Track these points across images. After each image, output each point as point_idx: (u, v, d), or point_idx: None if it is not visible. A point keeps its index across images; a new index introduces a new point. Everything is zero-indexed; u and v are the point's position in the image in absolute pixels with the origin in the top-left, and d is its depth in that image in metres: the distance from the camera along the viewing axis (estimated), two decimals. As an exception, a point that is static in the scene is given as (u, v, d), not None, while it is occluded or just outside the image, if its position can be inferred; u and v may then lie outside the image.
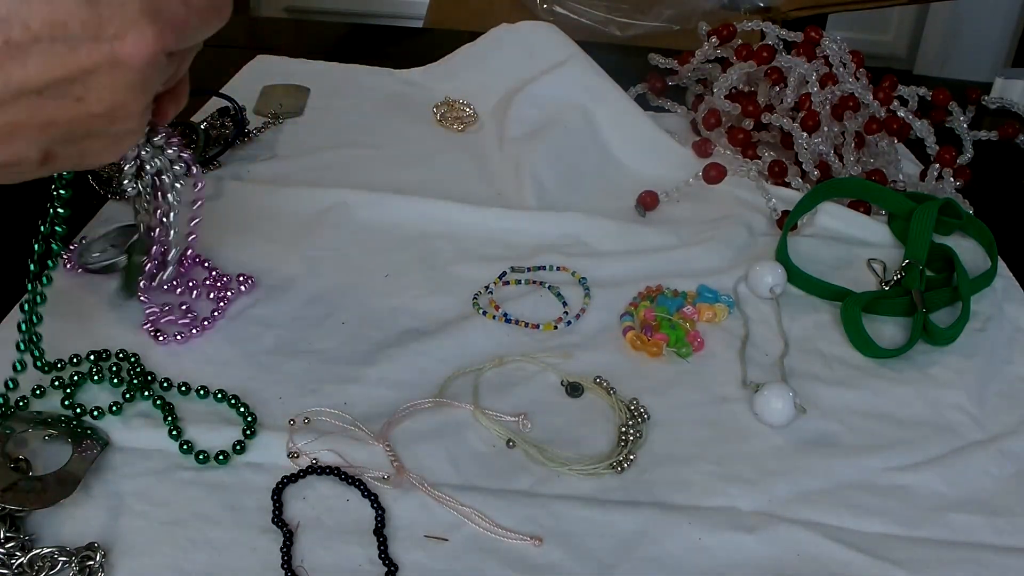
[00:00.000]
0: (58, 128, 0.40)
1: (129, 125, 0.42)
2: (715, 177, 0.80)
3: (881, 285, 0.70)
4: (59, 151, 0.41)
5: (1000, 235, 0.72)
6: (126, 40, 0.38)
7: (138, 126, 0.42)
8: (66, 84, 0.38)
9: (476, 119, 0.90)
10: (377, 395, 0.57)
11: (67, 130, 0.40)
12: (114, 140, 0.42)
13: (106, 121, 0.41)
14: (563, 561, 0.48)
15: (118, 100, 0.40)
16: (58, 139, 0.40)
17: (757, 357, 0.63)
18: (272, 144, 0.84)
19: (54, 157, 0.41)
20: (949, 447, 0.57)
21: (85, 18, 0.38)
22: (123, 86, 0.39)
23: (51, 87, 0.38)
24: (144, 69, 0.39)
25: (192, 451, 0.52)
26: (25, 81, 0.37)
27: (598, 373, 0.60)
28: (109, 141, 0.42)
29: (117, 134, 0.42)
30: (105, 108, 0.40)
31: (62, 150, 0.41)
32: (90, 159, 0.43)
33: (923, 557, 0.49)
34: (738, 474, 0.53)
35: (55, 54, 0.37)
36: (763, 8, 1.23)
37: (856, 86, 0.83)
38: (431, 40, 1.15)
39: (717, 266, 0.70)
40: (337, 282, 0.67)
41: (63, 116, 0.39)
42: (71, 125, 0.40)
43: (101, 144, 0.42)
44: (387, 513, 0.49)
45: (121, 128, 0.42)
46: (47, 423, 0.52)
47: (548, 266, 0.69)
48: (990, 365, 0.63)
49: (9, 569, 0.45)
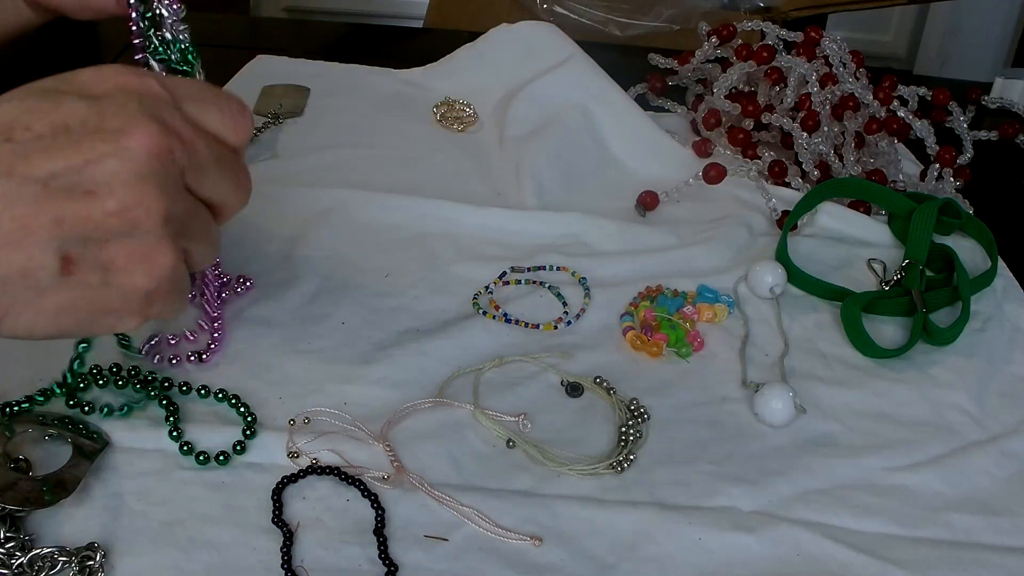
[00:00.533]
0: (69, 225, 0.37)
1: (152, 234, 0.39)
2: (715, 177, 0.80)
3: (881, 285, 0.70)
4: (79, 259, 0.38)
5: (1000, 235, 0.72)
6: (132, 133, 0.38)
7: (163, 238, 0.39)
8: (72, 174, 0.37)
9: (476, 119, 0.90)
10: (377, 395, 0.57)
11: (81, 230, 0.37)
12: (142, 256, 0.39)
13: (123, 222, 0.38)
14: (563, 561, 0.48)
15: (131, 194, 0.38)
16: (73, 239, 0.37)
17: (757, 357, 0.63)
18: (272, 144, 0.84)
19: (74, 266, 0.38)
20: (949, 447, 0.57)
21: (87, 117, 0.37)
22: (133, 178, 0.37)
23: (57, 177, 0.37)
24: (152, 162, 0.38)
25: (192, 452, 0.52)
26: (29, 171, 0.36)
27: (598, 373, 0.60)
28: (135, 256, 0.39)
29: (143, 246, 0.39)
30: (118, 203, 0.37)
31: (83, 256, 0.38)
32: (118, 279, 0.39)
33: (923, 557, 0.49)
34: (738, 474, 0.53)
35: (59, 146, 0.37)
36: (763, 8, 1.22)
37: (856, 86, 0.83)
38: (431, 40, 1.15)
39: (717, 266, 0.70)
40: (337, 282, 0.67)
41: (72, 210, 0.37)
42: (84, 223, 0.37)
43: (125, 257, 0.39)
44: (387, 513, 0.49)
45: (143, 236, 0.38)
46: (47, 423, 0.52)
47: (548, 266, 0.69)
48: (990, 365, 0.63)
49: (9, 569, 0.45)
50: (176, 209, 0.40)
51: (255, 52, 1.01)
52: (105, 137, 0.37)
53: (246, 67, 0.97)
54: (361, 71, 0.99)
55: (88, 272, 0.39)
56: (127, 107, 0.38)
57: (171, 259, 0.40)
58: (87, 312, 0.40)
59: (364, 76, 0.98)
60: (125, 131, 0.38)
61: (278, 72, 0.97)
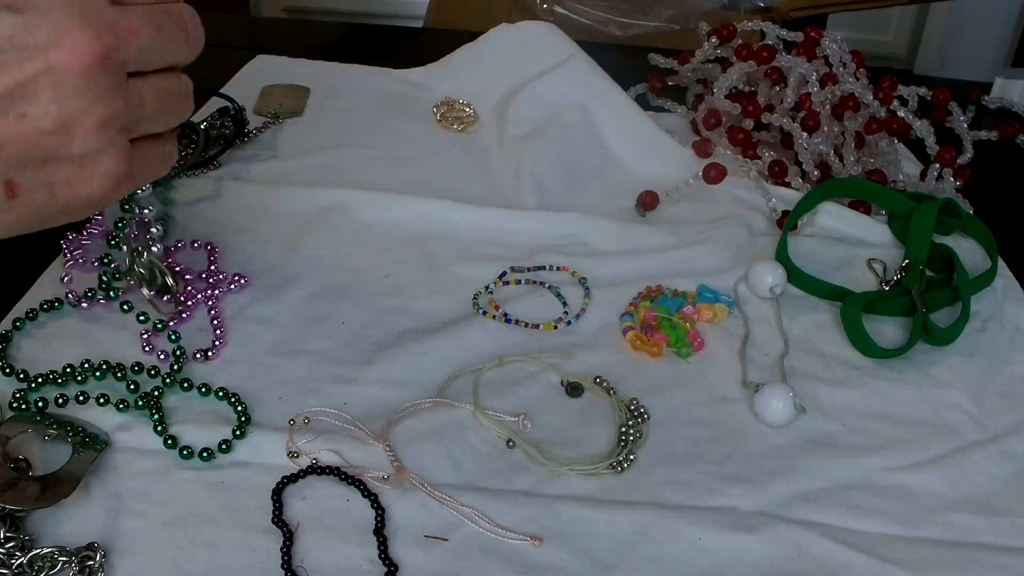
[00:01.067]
0: (7, 150, 0.37)
1: (90, 143, 0.38)
2: (715, 177, 0.80)
3: (881, 285, 0.70)
4: (22, 180, 0.38)
5: (1000, 235, 0.72)
6: (60, 46, 0.36)
7: (103, 145, 0.39)
8: (4, 99, 0.36)
9: (476, 119, 0.90)
10: (377, 395, 0.57)
11: (21, 152, 0.37)
12: (81, 165, 0.39)
13: (61, 138, 0.38)
14: (563, 561, 0.48)
15: (66, 111, 0.37)
16: (13, 163, 0.37)
17: (757, 357, 0.63)
18: (272, 144, 0.84)
19: (18, 188, 0.38)
20: (949, 447, 0.57)
21: (12, 32, 0.36)
22: (67, 94, 0.37)
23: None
24: (86, 73, 0.37)
25: (176, 446, 0.52)
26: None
27: (598, 373, 0.60)
28: (76, 166, 0.39)
29: (82, 157, 0.39)
30: (53, 122, 0.37)
31: (25, 179, 0.38)
32: (63, 191, 0.39)
33: (923, 557, 0.49)
34: (738, 474, 0.53)
35: None
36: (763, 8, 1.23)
37: (856, 86, 0.83)
38: (431, 40, 1.15)
39: (717, 266, 0.70)
40: (337, 282, 0.67)
41: (8, 134, 0.37)
42: (22, 146, 0.37)
43: (68, 170, 0.39)
44: (387, 513, 0.49)
45: (82, 148, 0.38)
46: (47, 423, 0.52)
47: (548, 266, 0.69)
48: (990, 365, 0.63)
49: (9, 569, 0.45)
50: (117, 110, 0.39)
51: (255, 52, 1.01)
52: (33, 55, 0.36)
53: (246, 67, 0.97)
54: (361, 71, 0.99)
55: (33, 192, 0.39)
56: (53, 14, 0.37)
57: (113, 166, 0.40)
58: (40, 221, 0.40)
59: (364, 76, 0.98)
60: (54, 45, 0.36)
61: (278, 72, 0.97)
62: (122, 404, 0.54)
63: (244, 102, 0.85)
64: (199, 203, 0.74)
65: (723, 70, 0.90)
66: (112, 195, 0.41)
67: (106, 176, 0.40)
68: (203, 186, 0.76)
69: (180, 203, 0.74)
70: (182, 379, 0.56)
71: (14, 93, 0.36)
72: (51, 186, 0.39)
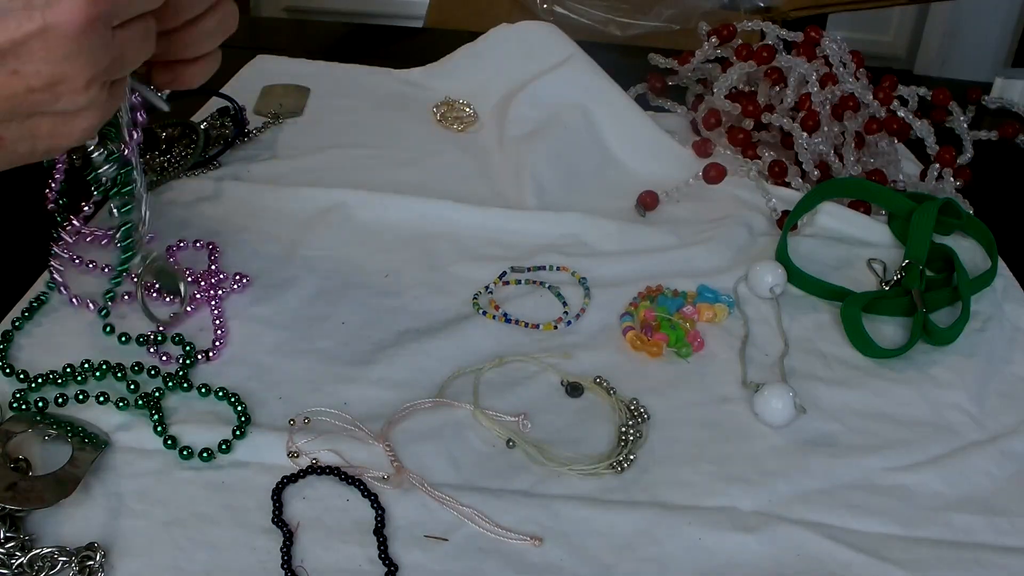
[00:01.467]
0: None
1: (76, 101, 0.40)
2: (715, 177, 0.80)
3: (881, 285, 0.70)
4: (6, 133, 0.40)
5: (1000, 235, 0.72)
6: (58, 7, 0.37)
7: (87, 103, 0.40)
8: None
9: (476, 119, 0.90)
10: (377, 395, 0.57)
11: (9, 107, 0.39)
12: (64, 120, 0.41)
13: (48, 96, 0.39)
14: (563, 561, 0.48)
15: (57, 72, 0.38)
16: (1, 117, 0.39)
17: (757, 357, 0.63)
18: (272, 144, 0.84)
19: (2, 140, 0.40)
20: (949, 447, 0.57)
21: None
22: (60, 56, 0.38)
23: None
24: (79, 37, 0.38)
25: (176, 446, 0.52)
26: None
27: (598, 373, 0.60)
28: (59, 121, 0.41)
29: (65, 112, 0.40)
30: (44, 81, 0.38)
31: (9, 131, 0.40)
32: (44, 143, 0.41)
33: (923, 557, 0.49)
34: (738, 474, 0.53)
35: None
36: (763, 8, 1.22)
37: (856, 86, 0.83)
38: (431, 40, 1.15)
39: (717, 266, 0.70)
40: (337, 282, 0.67)
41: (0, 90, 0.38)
42: (11, 101, 0.38)
43: (51, 124, 0.41)
44: (387, 513, 0.49)
45: (67, 105, 0.40)
46: (47, 423, 0.52)
47: (548, 266, 0.69)
48: (990, 365, 0.63)
49: (9, 569, 0.45)
50: (103, 67, 0.40)
51: (255, 52, 1.01)
52: (31, 15, 0.37)
53: (246, 67, 0.97)
54: (361, 71, 0.99)
55: (15, 143, 0.40)
56: None
57: (94, 119, 0.41)
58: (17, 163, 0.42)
59: (364, 76, 0.98)
60: (52, 5, 0.37)
61: (278, 72, 0.97)
62: (122, 402, 0.54)
63: (244, 102, 0.86)
64: (199, 203, 0.74)
65: (723, 70, 0.90)
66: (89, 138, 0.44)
67: (86, 128, 0.42)
68: (203, 186, 0.76)
69: (180, 203, 0.74)
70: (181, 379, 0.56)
71: (7, 51, 0.37)
72: (33, 137, 0.41)
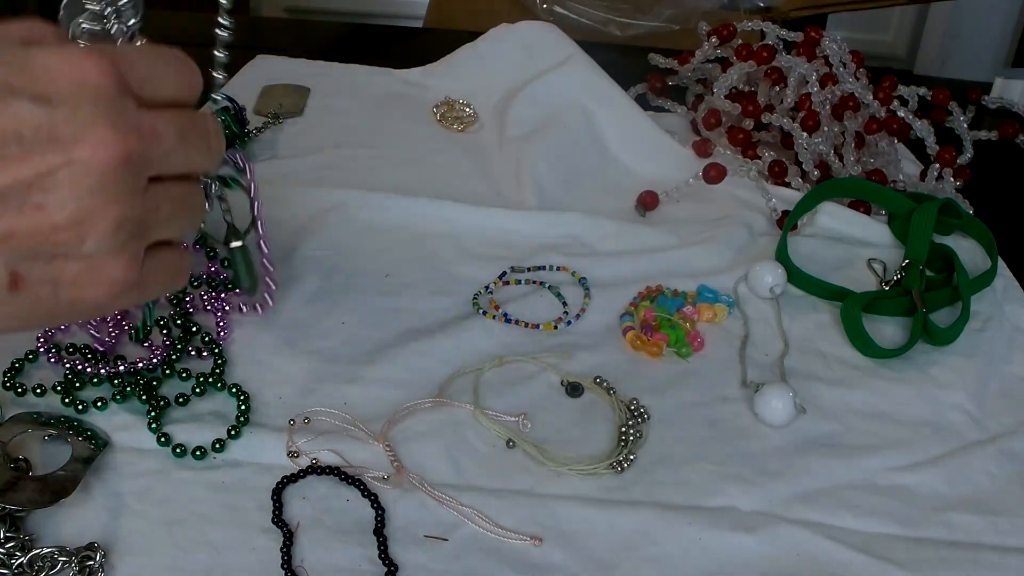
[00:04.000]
0: (18, 241, 0.36)
1: (102, 244, 0.37)
2: (715, 177, 0.80)
3: (881, 285, 0.70)
4: (28, 273, 0.37)
5: (1000, 235, 0.72)
6: (85, 143, 0.36)
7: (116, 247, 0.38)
8: (22, 188, 0.35)
9: (476, 119, 0.90)
10: (377, 395, 0.57)
11: (30, 245, 0.36)
12: (90, 266, 0.38)
13: (73, 236, 0.37)
14: (563, 561, 0.48)
15: (82, 208, 0.36)
16: (22, 254, 0.36)
17: (757, 357, 0.63)
18: (272, 144, 0.84)
19: (23, 281, 0.37)
20: (949, 447, 0.57)
21: (39, 124, 0.35)
22: (85, 191, 0.36)
23: (6, 192, 0.35)
24: (107, 174, 0.36)
25: (169, 443, 0.52)
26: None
27: (598, 373, 0.60)
28: (84, 267, 0.38)
29: (92, 258, 0.38)
30: (68, 217, 0.36)
31: (32, 272, 0.37)
32: (68, 291, 0.38)
33: (923, 557, 0.49)
34: (738, 474, 0.54)
35: (8, 157, 0.35)
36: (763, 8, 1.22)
37: (856, 86, 0.83)
38: (431, 40, 1.15)
39: (717, 266, 0.70)
40: (337, 282, 0.67)
41: (22, 225, 0.36)
42: (33, 238, 0.36)
43: (75, 270, 0.38)
44: (387, 513, 0.49)
45: (94, 247, 0.37)
46: (47, 423, 0.52)
47: (548, 266, 0.69)
48: (990, 365, 0.63)
49: (9, 569, 0.45)
50: (133, 213, 0.38)
51: (255, 52, 1.01)
52: (57, 148, 0.36)
53: (246, 67, 0.97)
54: (361, 71, 0.99)
55: (37, 287, 0.38)
56: (81, 111, 0.36)
57: (122, 272, 0.39)
58: (40, 318, 0.39)
59: (364, 76, 0.98)
60: (79, 141, 0.36)
61: (278, 72, 0.97)
62: (117, 397, 0.54)
63: (244, 102, 0.86)
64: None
65: (723, 70, 0.90)
66: (117, 302, 0.40)
67: (114, 281, 0.39)
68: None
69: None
70: (181, 369, 0.56)
71: (32, 183, 0.36)
72: (56, 283, 0.38)
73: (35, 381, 0.55)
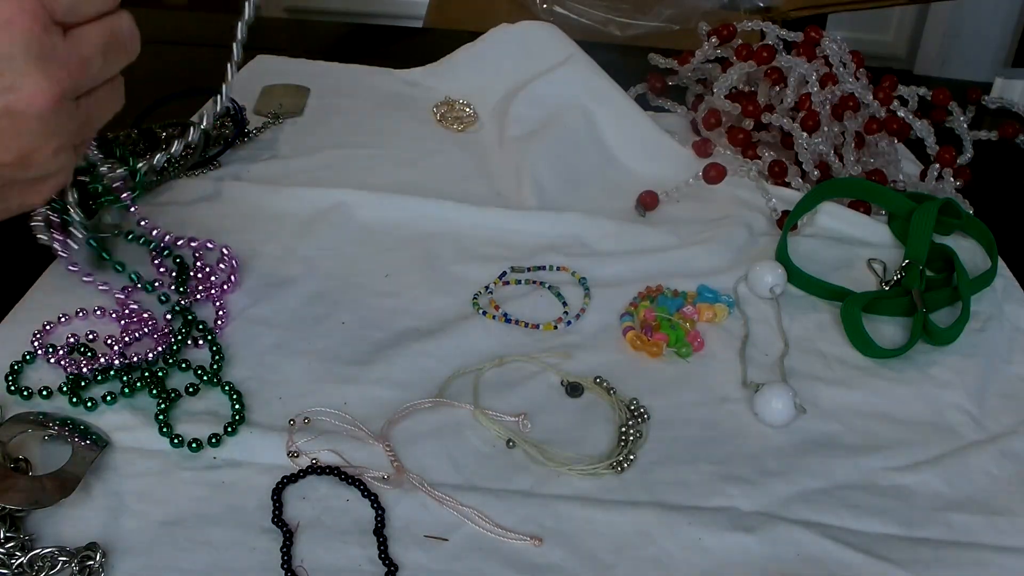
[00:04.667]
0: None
1: (45, 168, 0.42)
2: (715, 177, 0.80)
3: (881, 285, 0.70)
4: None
5: (1000, 235, 0.72)
6: (20, 92, 0.39)
7: (56, 168, 0.43)
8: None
9: (476, 119, 0.90)
10: (377, 395, 0.57)
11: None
12: (33, 184, 0.43)
13: (19, 169, 0.41)
14: (563, 561, 0.48)
15: (24, 148, 0.41)
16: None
17: (757, 357, 0.63)
18: (272, 144, 0.84)
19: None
20: (949, 447, 0.57)
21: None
22: (26, 135, 0.40)
23: None
24: (43, 116, 0.40)
25: (169, 434, 0.52)
26: None
27: (598, 373, 0.60)
28: (28, 186, 0.43)
29: (36, 179, 0.43)
30: (13, 157, 0.41)
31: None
32: (15, 202, 0.43)
33: (923, 557, 0.49)
34: (738, 474, 0.53)
35: None
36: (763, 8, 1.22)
37: (856, 86, 0.83)
38: (431, 40, 1.15)
39: (717, 266, 0.70)
40: (337, 282, 0.67)
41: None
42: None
43: (20, 190, 0.43)
44: (387, 513, 0.49)
45: (37, 172, 0.42)
46: (47, 423, 0.52)
47: (548, 266, 0.69)
48: (990, 365, 0.63)
49: (9, 569, 0.45)
50: (69, 135, 0.42)
51: (255, 52, 1.01)
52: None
53: (246, 67, 0.97)
54: (361, 71, 0.99)
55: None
56: (14, 61, 0.39)
57: (63, 179, 0.44)
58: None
59: (364, 76, 0.98)
60: (14, 90, 0.39)
61: (278, 72, 0.97)
62: (126, 390, 0.54)
63: (244, 102, 0.86)
64: (199, 203, 0.74)
65: (723, 70, 0.90)
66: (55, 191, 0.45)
67: (55, 187, 0.44)
68: (203, 186, 0.76)
69: (180, 203, 0.74)
70: (181, 360, 0.56)
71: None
72: (5, 200, 0.43)
73: (36, 382, 0.55)
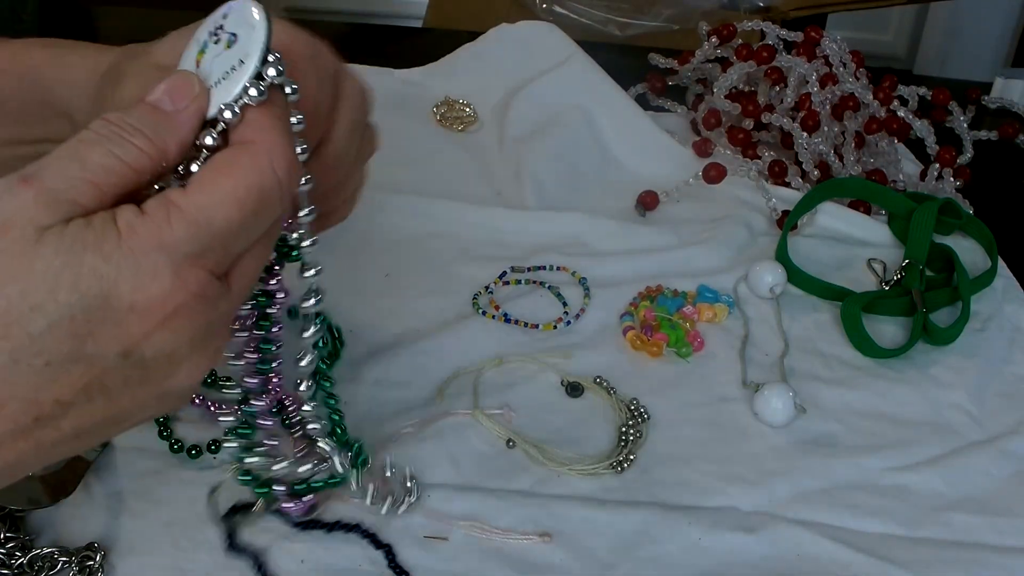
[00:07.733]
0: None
1: (193, 376, 0.36)
2: (715, 177, 0.80)
3: (881, 285, 0.70)
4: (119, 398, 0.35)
5: (1000, 235, 0.72)
6: (176, 377, 0.35)
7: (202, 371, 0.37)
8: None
9: (476, 119, 0.90)
10: (377, 395, 0.57)
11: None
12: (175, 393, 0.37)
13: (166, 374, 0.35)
14: (563, 561, 0.48)
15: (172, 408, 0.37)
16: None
17: (757, 357, 0.63)
18: (272, 144, 0.83)
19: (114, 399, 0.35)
20: (949, 447, 0.57)
21: (129, 375, 0.33)
22: (175, 399, 0.36)
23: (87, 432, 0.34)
24: (195, 387, 0.36)
25: (169, 439, 0.52)
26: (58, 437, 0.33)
27: (598, 373, 0.60)
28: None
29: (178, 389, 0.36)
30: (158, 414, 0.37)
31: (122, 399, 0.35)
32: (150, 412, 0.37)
33: (923, 557, 0.49)
34: (738, 474, 0.53)
35: (93, 408, 0.33)
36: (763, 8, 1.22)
37: (856, 86, 0.83)
38: (431, 40, 1.14)
39: (717, 266, 0.70)
40: (338, 282, 0.67)
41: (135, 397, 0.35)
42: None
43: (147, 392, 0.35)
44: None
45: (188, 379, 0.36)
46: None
47: (548, 266, 0.69)
48: (990, 365, 0.63)
49: (9, 569, 0.45)
50: (217, 352, 0.37)
51: (255, 52, 1.00)
52: (149, 389, 0.35)
53: (246, 67, 0.97)
54: (361, 71, 0.98)
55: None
56: (174, 358, 0.34)
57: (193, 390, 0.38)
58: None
59: (364, 76, 0.97)
60: (169, 377, 0.35)
61: (278, 72, 0.96)
62: None
63: (244, 102, 0.85)
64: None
65: (723, 70, 0.90)
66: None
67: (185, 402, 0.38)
68: (203, 186, 0.75)
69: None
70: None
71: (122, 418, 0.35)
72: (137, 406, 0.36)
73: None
